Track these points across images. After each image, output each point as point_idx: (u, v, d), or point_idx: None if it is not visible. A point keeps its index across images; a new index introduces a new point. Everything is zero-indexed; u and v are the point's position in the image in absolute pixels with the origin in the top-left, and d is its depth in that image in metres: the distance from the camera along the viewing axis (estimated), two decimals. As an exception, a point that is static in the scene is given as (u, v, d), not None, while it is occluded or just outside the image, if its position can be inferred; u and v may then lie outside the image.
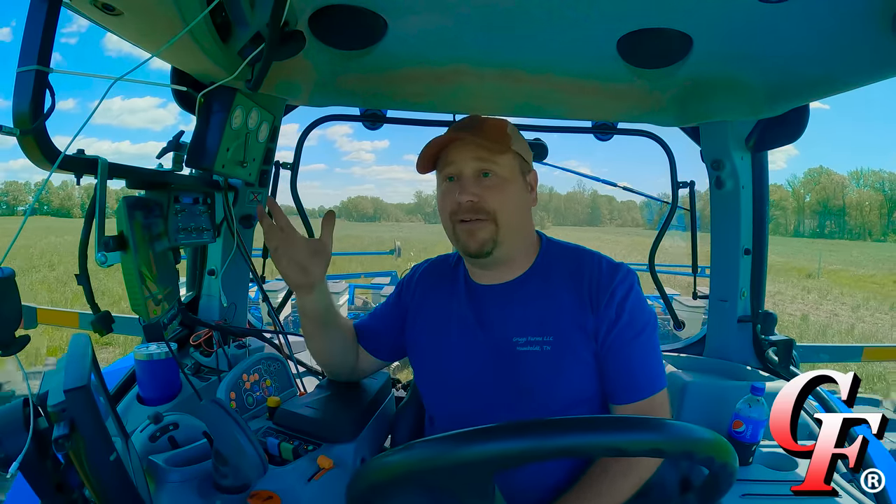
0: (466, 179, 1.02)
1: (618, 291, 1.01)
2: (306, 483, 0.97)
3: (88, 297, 0.84)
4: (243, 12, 0.95)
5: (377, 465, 0.64)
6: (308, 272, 1.06)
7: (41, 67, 0.67)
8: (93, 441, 0.63)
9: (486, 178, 1.01)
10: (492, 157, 1.01)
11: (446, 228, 1.07)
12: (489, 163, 1.01)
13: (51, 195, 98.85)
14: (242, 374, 1.29)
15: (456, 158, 1.02)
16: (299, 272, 1.06)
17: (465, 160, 1.02)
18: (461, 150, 1.02)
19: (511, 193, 1.02)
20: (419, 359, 1.16)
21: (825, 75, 1.20)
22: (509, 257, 1.06)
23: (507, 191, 1.02)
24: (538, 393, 1.00)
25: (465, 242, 1.03)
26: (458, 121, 1.09)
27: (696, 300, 1.89)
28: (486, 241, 1.01)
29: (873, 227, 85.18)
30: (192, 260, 1.63)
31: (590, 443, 0.59)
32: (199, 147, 1.15)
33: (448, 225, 1.06)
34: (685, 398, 1.42)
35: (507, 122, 1.09)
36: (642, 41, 1.20)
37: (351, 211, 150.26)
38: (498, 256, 1.03)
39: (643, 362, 1.01)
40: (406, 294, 1.21)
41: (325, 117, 1.74)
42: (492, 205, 1.00)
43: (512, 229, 1.03)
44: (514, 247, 1.05)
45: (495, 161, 1.01)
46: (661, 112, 1.55)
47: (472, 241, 1.02)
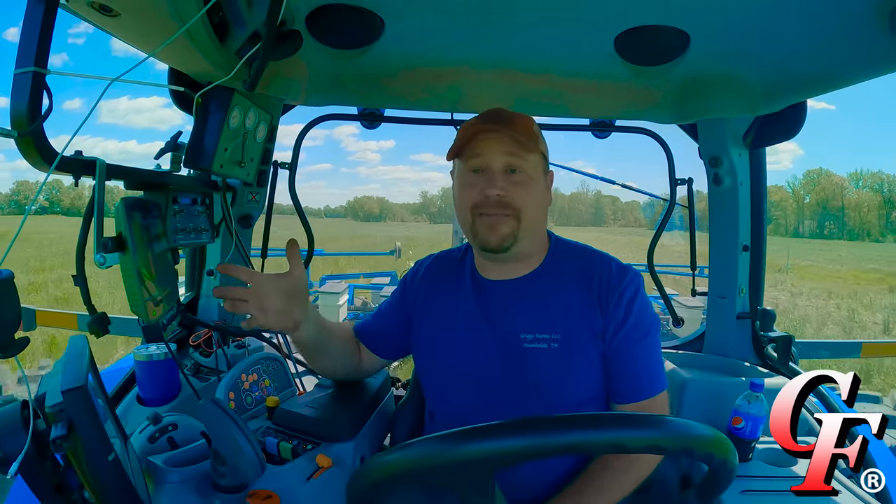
0: (495, 173, 1.00)
1: (626, 293, 1.02)
2: (305, 482, 0.97)
3: (85, 299, 0.84)
4: (240, 12, 0.95)
5: (377, 463, 0.64)
6: (288, 315, 0.97)
7: (38, 69, 0.67)
8: (91, 441, 0.63)
9: (514, 174, 1.00)
10: (522, 154, 1.00)
11: (463, 221, 1.05)
12: (519, 158, 1.00)
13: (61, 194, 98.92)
14: (241, 374, 1.29)
15: (485, 151, 1.00)
16: (279, 319, 0.97)
17: (495, 154, 1.00)
18: (491, 144, 1.00)
19: (535, 192, 1.02)
20: (424, 353, 1.16)
21: (822, 72, 1.20)
22: (524, 254, 1.06)
23: (532, 189, 1.01)
24: (544, 390, 1.00)
25: (486, 236, 1.01)
26: (485, 112, 1.05)
27: (695, 298, 1.89)
28: (506, 236, 1.00)
29: (872, 227, 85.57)
30: (190, 260, 1.63)
31: (590, 439, 0.59)
32: (197, 147, 1.15)
33: (467, 217, 1.04)
34: (685, 395, 1.42)
35: (533, 120, 1.07)
36: (640, 38, 1.20)
37: (357, 211, 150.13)
38: (514, 252, 1.03)
39: (647, 364, 1.02)
40: (410, 290, 1.20)
41: (323, 116, 1.74)
42: (518, 202, 0.99)
43: (532, 227, 1.03)
44: (530, 244, 1.05)
45: (525, 158, 1.01)
46: (659, 109, 1.55)
47: (493, 235, 1.00)
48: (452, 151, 1.05)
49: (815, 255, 29.61)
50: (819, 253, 32.45)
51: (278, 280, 0.97)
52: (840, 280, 19.01)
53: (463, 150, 1.04)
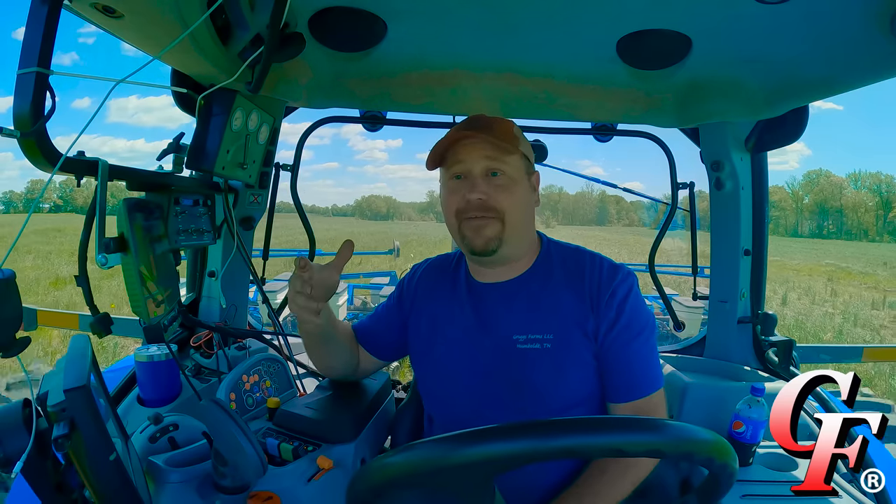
0: (476, 178, 1.01)
1: (618, 292, 1.02)
2: (306, 483, 0.97)
3: (87, 299, 0.84)
4: (243, 14, 0.95)
5: (377, 466, 0.64)
6: (316, 309, 1.01)
7: (41, 69, 0.68)
8: (92, 441, 0.63)
9: (495, 177, 1.01)
10: (501, 157, 1.01)
11: (450, 226, 1.07)
12: (498, 162, 1.01)
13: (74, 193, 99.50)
14: (242, 376, 1.29)
15: (465, 157, 1.02)
16: (315, 309, 1.00)
17: (475, 159, 1.01)
18: (470, 149, 1.02)
19: (518, 194, 1.03)
20: (420, 357, 1.16)
21: (823, 76, 1.20)
22: (512, 256, 1.07)
23: (514, 191, 1.02)
24: (538, 390, 1.01)
25: (471, 239, 1.02)
26: (465, 120, 1.08)
27: (696, 300, 1.89)
28: (491, 239, 1.01)
29: (869, 228, 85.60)
30: (192, 261, 1.63)
31: (589, 444, 0.59)
32: (200, 149, 1.15)
33: (453, 223, 1.05)
34: (685, 399, 1.42)
35: (513, 123, 1.09)
36: (642, 42, 1.20)
37: (365, 210, 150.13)
38: (502, 255, 1.04)
39: (642, 362, 1.01)
40: (407, 294, 1.21)
41: (325, 119, 1.74)
42: (501, 204, 1.00)
43: (517, 229, 1.03)
44: (517, 246, 1.06)
45: (504, 161, 1.02)
46: (661, 113, 1.55)
47: (477, 238, 1.02)
48: (432, 160, 1.06)
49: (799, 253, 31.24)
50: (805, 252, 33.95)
51: (325, 277, 0.98)
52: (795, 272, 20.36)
53: (445, 157, 1.05)
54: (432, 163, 1.07)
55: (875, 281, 18.90)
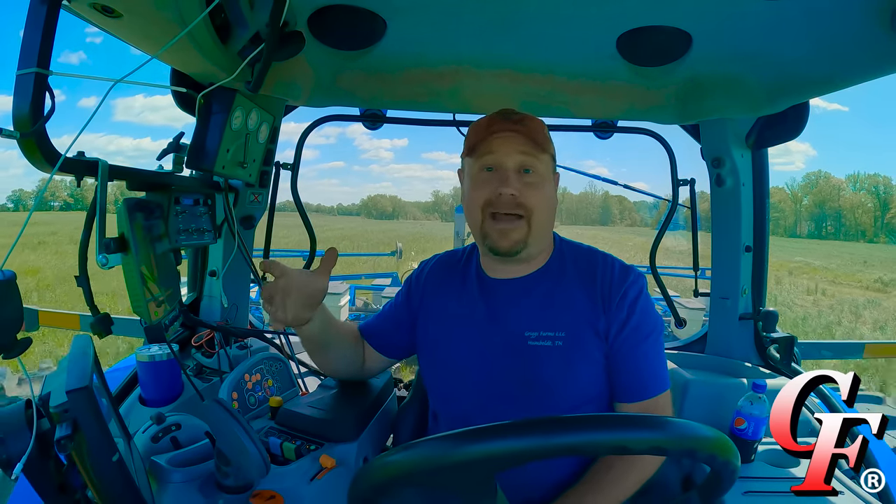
0: (508, 172, 1.00)
1: (630, 293, 1.02)
2: (309, 482, 0.97)
3: (88, 299, 0.84)
4: (242, 13, 0.95)
5: (379, 464, 0.64)
6: (300, 318, 0.99)
7: (41, 70, 0.67)
8: (95, 441, 0.63)
9: (527, 174, 1.00)
10: (536, 154, 1.00)
11: (472, 219, 1.04)
12: (532, 158, 1.00)
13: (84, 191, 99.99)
14: (244, 375, 1.29)
15: (499, 149, 1.00)
16: (294, 318, 0.99)
17: (510, 153, 1.00)
18: (506, 142, 1.00)
19: (547, 193, 1.02)
20: (429, 353, 1.15)
21: (824, 73, 1.20)
22: (532, 255, 1.06)
23: (544, 190, 1.02)
24: (548, 387, 1.00)
25: (496, 241, 1.01)
26: (498, 112, 1.05)
27: (697, 299, 1.89)
28: (518, 242, 1.00)
29: (867, 229, 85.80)
30: (192, 261, 1.63)
31: (593, 441, 0.59)
32: (199, 148, 1.15)
33: (477, 217, 1.03)
34: (687, 396, 1.42)
35: (543, 122, 1.07)
36: (642, 39, 1.20)
37: (370, 209, 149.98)
38: (524, 255, 1.03)
39: (650, 364, 1.02)
40: (415, 290, 1.20)
41: (326, 117, 1.74)
42: (530, 202, 0.99)
43: (542, 229, 1.03)
44: (539, 247, 1.06)
45: (538, 158, 1.01)
46: (661, 110, 1.55)
47: (504, 241, 1.00)
48: (467, 148, 1.05)
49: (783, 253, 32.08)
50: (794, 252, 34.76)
51: (306, 283, 0.97)
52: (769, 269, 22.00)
53: (476, 147, 1.03)
54: (466, 151, 1.06)
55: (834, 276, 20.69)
